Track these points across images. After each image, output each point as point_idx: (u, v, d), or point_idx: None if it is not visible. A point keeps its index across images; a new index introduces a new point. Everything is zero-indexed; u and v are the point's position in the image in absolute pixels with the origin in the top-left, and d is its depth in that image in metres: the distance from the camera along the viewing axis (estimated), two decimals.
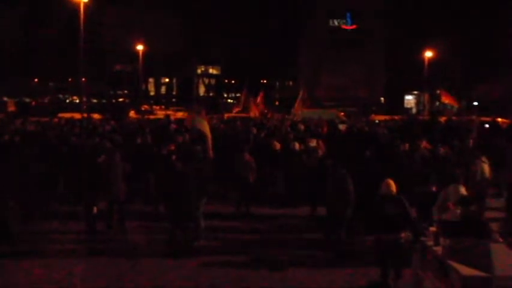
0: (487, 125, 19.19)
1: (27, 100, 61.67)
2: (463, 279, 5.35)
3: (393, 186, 7.07)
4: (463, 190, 7.62)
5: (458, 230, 5.94)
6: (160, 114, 37.08)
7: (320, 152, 11.49)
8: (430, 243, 6.23)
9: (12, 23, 61.48)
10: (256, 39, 67.25)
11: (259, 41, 67.28)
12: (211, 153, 11.15)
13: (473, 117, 22.51)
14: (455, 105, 32.08)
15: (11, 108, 41.90)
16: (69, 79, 68.55)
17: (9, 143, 12.73)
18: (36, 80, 71.68)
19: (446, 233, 5.97)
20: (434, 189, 8.73)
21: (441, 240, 6.03)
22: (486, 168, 9.93)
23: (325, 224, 8.78)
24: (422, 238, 6.47)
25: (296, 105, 23.00)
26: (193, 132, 12.81)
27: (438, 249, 5.99)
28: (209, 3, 68.38)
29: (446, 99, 31.18)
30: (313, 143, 12.37)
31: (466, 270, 5.42)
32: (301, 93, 23.14)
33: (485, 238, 5.87)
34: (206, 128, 12.06)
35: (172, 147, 11.26)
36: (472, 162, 9.89)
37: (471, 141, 13.01)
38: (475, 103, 55.03)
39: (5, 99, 54.40)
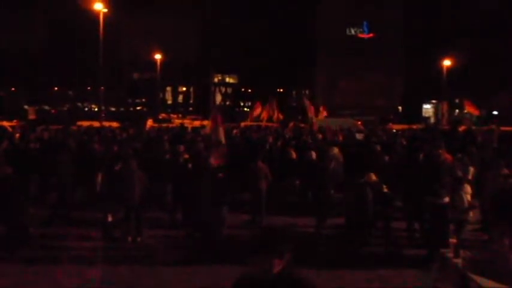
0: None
1: (47, 108, 62.77)
2: None
3: None
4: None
5: None
6: (177, 122, 37.36)
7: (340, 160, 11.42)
8: (450, 255, 6.12)
9: (33, 33, 62.74)
10: (272, 48, 67.41)
11: (276, 50, 67.42)
12: (221, 160, 10.96)
13: (493, 126, 22.06)
14: (476, 114, 31.47)
15: (32, 116, 42.68)
16: (88, 88, 69.58)
17: (33, 150, 12.97)
18: (56, 88, 72.89)
19: None
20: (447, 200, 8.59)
21: (461, 252, 5.92)
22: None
23: (345, 234, 8.70)
24: (442, 250, 6.37)
25: (310, 113, 22.75)
26: (209, 140, 12.86)
27: (458, 261, 5.88)
28: (226, 12, 68.91)
29: (470, 108, 30.62)
30: (333, 151, 12.27)
31: (487, 283, 5.31)
32: (306, 102, 22.95)
33: None
34: (221, 135, 12.11)
35: (186, 156, 11.32)
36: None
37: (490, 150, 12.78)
38: (495, 112, 54.26)
39: (26, 107, 55.47)
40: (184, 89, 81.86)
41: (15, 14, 61.58)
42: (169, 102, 79.39)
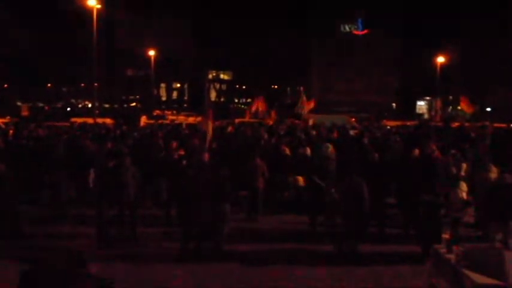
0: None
1: (41, 105, 62.42)
2: (477, 287, 5.27)
3: None
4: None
5: None
6: (170, 119, 37.32)
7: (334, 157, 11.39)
8: (443, 250, 6.15)
9: (26, 29, 62.34)
10: (267, 46, 67.36)
11: (270, 47, 67.37)
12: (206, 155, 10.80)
13: (487, 123, 22.19)
14: (470, 111, 31.52)
15: (25, 113, 42.46)
16: (82, 84, 69.24)
17: (25, 147, 12.90)
18: (49, 85, 72.51)
19: None
20: (442, 198, 8.62)
21: (454, 247, 5.95)
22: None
23: (339, 233, 8.68)
24: (436, 246, 6.39)
25: (302, 109, 22.85)
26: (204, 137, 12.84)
27: (451, 257, 5.91)
28: (220, 9, 68.82)
29: (464, 105, 30.65)
30: (328, 148, 12.21)
31: (479, 278, 5.34)
32: (302, 96, 23.10)
33: None
34: (208, 128, 12.16)
35: (182, 152, 11.29)
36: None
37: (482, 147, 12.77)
38: (488, 109, 54.51)
39: (19, 104, 55.15)
40: (178, 85, 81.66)
41: (9, 11, 61.11)
42: (164, 98, 79.20)
